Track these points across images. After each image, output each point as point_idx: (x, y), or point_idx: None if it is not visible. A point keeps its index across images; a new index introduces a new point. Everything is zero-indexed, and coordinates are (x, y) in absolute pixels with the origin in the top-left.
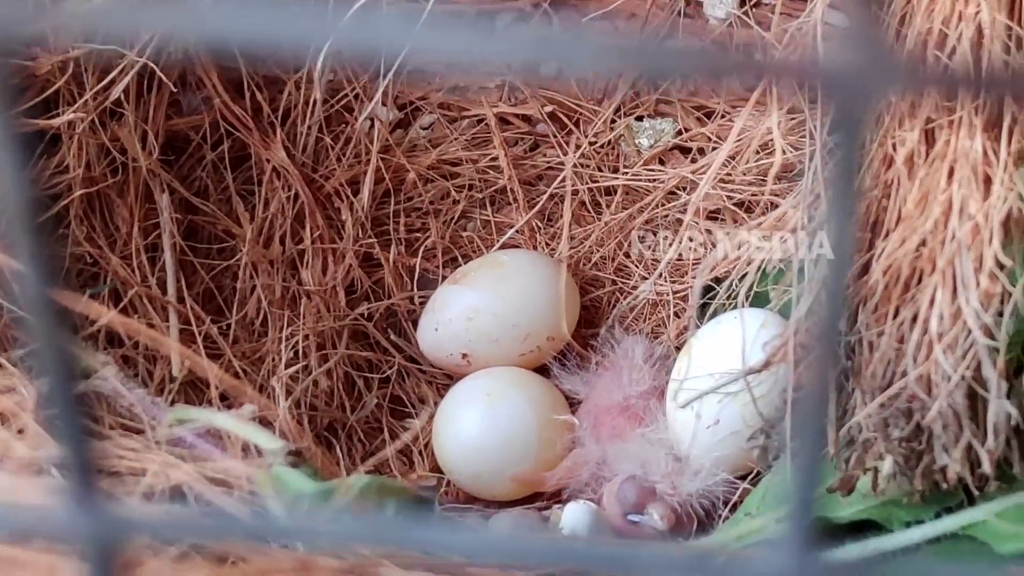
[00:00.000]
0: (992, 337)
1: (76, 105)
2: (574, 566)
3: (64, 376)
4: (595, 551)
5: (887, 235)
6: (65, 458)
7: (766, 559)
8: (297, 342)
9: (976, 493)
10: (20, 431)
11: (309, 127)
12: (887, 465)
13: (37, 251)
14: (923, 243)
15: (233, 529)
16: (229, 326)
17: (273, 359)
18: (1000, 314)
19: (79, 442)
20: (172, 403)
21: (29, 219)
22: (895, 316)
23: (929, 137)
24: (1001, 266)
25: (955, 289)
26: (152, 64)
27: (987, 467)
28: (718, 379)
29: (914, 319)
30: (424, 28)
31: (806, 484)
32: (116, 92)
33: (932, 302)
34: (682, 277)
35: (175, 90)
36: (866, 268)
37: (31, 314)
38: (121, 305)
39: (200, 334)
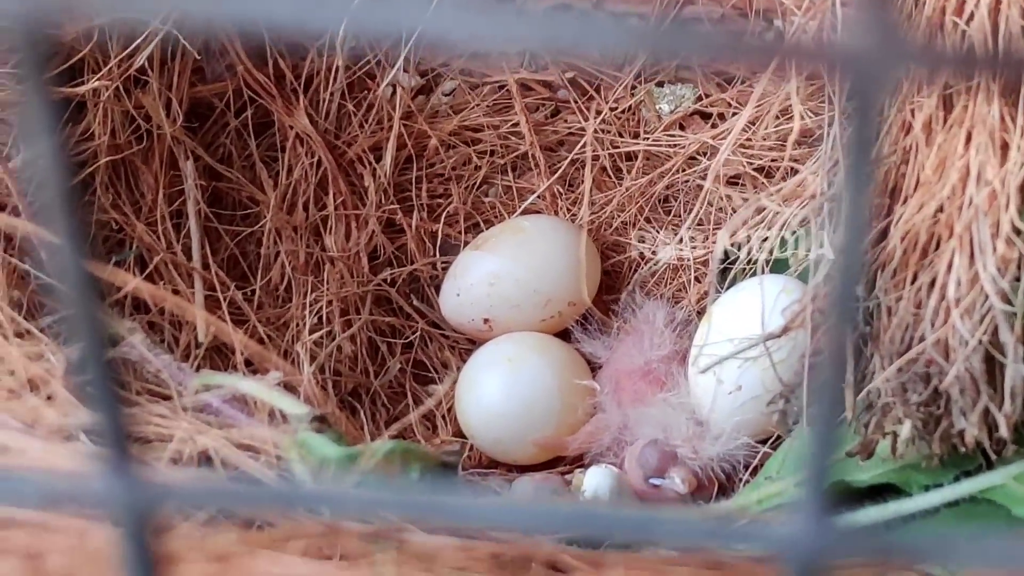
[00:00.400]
0: (1009, 302)
1: (101, 73)
2: (594, 531)
3: (96, 343)
4: (615, 516)
5: (905, 201)
6: (99, 425)
7: (783, 524)
8: (321, 308)
9: (994, 457)
10: (49, 397)
11: (332, 94)
12: (906, 429)
13: (69, 219)
14: (940, 209)
15: (262, 495)
16: (254, 292)
17: (297, 325)
18: (1017, 279)
19: (113, 409)
20: (198, 369)
21: (61, 187)
22: (913, 281)
23: (947, 103)
24: (1018, 231)
25: (972, 254)
26: (176, 32)
27: (1004, 431)
28: (738, 344)
29: (932, 284)
30: (439, 9)
31: (823, 450)
32: (140, 60)
33: (950, 267)
34: (704, 242)
35: (198, 57)
36: (884, 234)
37: (63, 282)
38: (147, 272)
39: (225, 300)
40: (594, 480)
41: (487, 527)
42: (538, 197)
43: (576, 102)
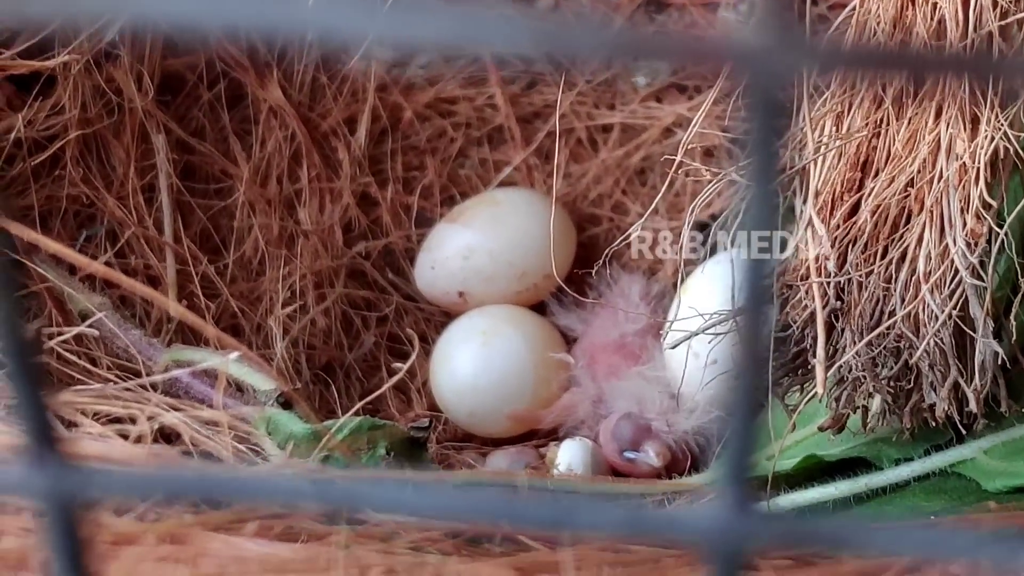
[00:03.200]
0: (979, 276)
1: (71, 46)
2: (513, 521)
3: (9, 321)
4: (533, 507)
5: (876, 175)
6: (19, 411)
7: (703, 513)
8: (294, 281)
9: (964, 431)
10: None
11: (305, 66)
12: (876, 403)
13: None
14: (911, 183)
15: (188, 484)
16: (226, 266)
17: (270, 298)
18: (987, 254)
19: (33, 395)
20: (169, 343)
21: None
22: (883, 256)
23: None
24: (987, 206)
25: (942, 229)
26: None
27: (974, 406)
28: (707, 320)
29: (902, 259)
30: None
31: (742, 436)
32: (111, 33)
33: (920, 242)
34: (679, 214)
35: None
36: (855, 208)
37: None
38: (118, 246)
39: (197, 274)
40: (568, 453)
41: (405, 517)
42: (514, 169)
43: (552, 74)
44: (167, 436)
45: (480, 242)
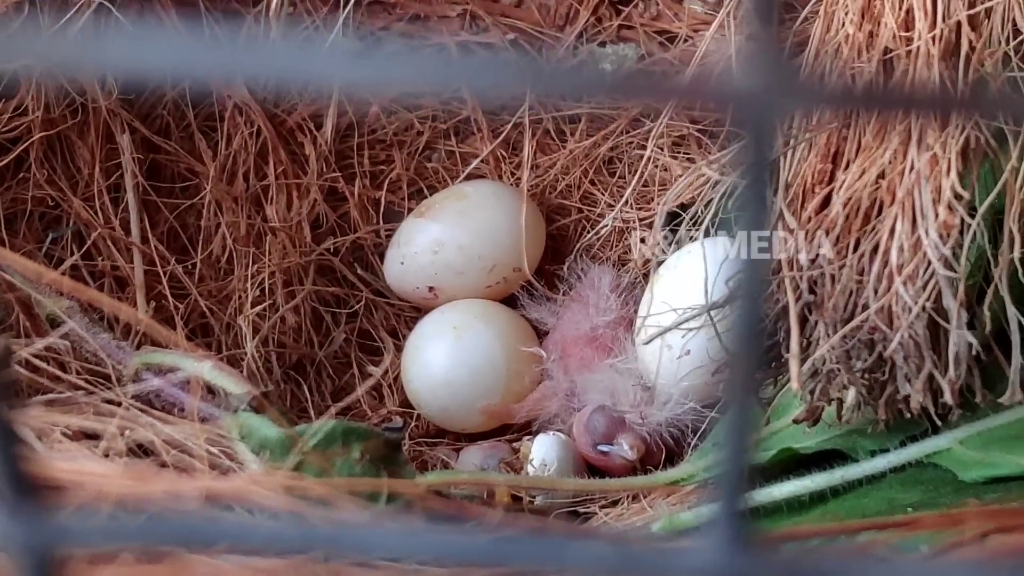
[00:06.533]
0: (952, 268)
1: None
2: (505, 560)
3: None
4: (526, 545)
5: (847, 167)
6: None
7: (696, 552)
8: (263, 279)
9: (939, 422)
10: None
11: None
12: (851, 396)
13: None
14: (882, 174)
15: (166, 533)
16: (195, 265)
17: (240, 297)
18: (960, 245)
19: (8, 445)
20: (139, 345)
21: None
22: (855, 248)
23: (888, 66)
24: (959, 197)
25: (914, 220)
26: (108, 3)
27: (949, 397)
28: (681, 315)
29: (874, 251)
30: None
31: (734, 470)
32: (73, 31)
33: (892, 233)
34: (648, 203)
35: (133, 29)
36: (827, 200)
37: None
38: (85, 248)
39: (165, 274)
40: (542, 448)
41: (395, 557)
42: (481, 162)
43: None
44: (140, 446)
45: (449, 236)
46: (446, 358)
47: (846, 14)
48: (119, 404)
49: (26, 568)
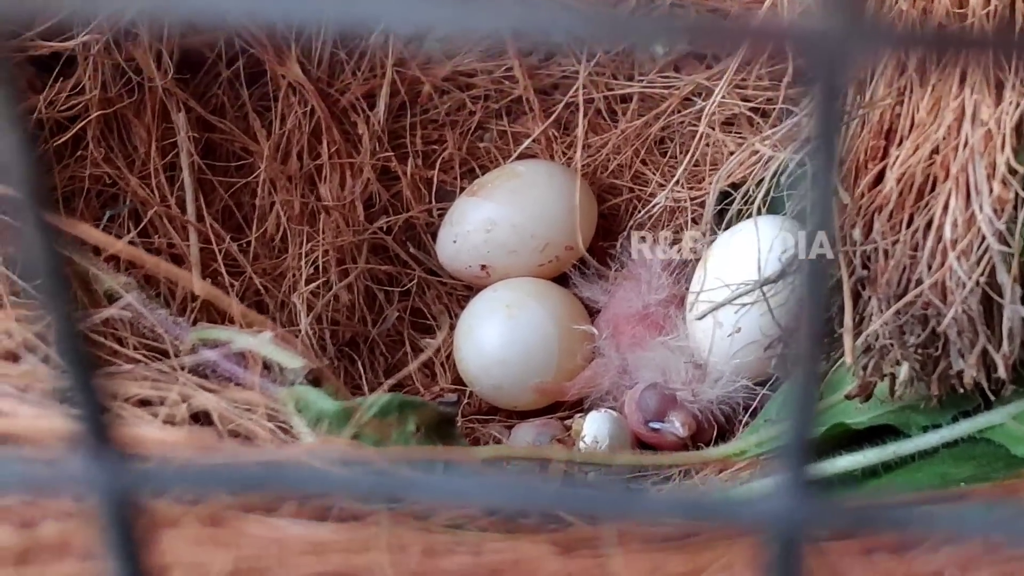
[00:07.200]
0: (1006, 243)
1: (91, 26)
2: (571, 509)
3: (63, 315)
4: (592, 494)
5: (900, 143)
6: (75, 406)
7: (762, 500)
8: (317, 257)
9: (992, 397)
10: (47, 359)
11: (323, 42)
12: (904, 371)
13: (28, 173)
14: (936, 150)
15: (243, 478)
16: (249, 243)
17: (293, 275)
18: (1014, 220)
19: (88, 389)
20: (194, 322)
21: (25, 144)
22: (909, 224)
23: None
24: (1013, 171)
25: (968, 196)
26: None
27: (1002, 372)
28: (734, 290)
29: (928, 226)
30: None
31: (801, 419)
32: (130, 12)
33: (946, 209)
34: (699, 183)
35: None
36: (880, 176)
37: (27, 251)
38: (141, 226)
39: (220, 252)
40: (594, 425)
41: (460, 505)
42: (533, 141)
43: (569, 44)
44: (196, 417)
45: (502, 215)
46: (498, 336)
47: None
48: (176, 377)
49: (107, 512)
